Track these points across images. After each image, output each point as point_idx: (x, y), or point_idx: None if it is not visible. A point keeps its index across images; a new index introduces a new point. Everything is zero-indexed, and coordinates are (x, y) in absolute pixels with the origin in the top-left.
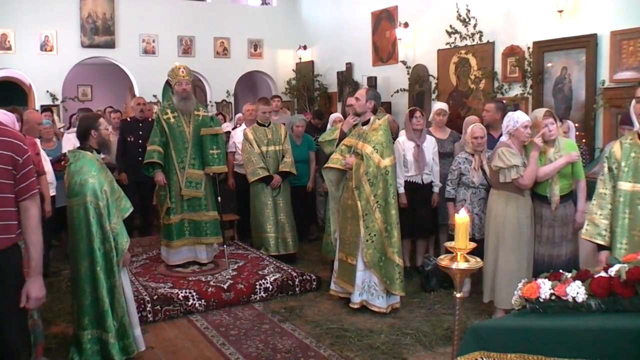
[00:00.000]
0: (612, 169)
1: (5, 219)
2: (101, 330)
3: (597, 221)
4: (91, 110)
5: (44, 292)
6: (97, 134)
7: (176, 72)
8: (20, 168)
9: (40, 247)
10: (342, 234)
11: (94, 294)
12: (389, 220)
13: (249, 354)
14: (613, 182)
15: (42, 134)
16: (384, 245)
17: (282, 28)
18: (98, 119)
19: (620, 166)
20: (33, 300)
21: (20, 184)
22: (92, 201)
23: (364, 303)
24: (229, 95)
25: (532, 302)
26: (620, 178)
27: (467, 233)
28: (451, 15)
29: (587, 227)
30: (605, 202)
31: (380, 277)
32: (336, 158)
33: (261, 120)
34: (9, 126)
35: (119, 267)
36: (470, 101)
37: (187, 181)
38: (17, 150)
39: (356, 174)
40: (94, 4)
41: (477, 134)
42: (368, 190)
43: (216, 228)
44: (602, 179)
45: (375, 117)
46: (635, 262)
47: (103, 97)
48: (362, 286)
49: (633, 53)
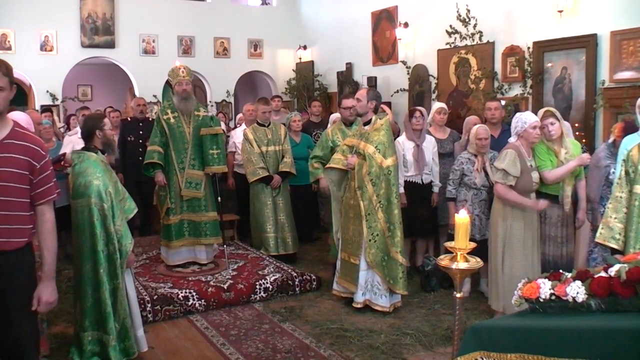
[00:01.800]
0: (629, 173)
1: (20, 223)
2: (102, 332)
3: (612, 224)
4: (88, 109)
5: (55, 297)
6: (101, 134)
7: (176, 72)
8: (37, 173)
9: (54, 252)
10: (345, 233)
11: (96, 296)
12: (392, 220)
13: (249, 354)
14: (629, 186)
15: (42, 134)
16: (387, 244)
17: (282, 28)
18: (102, 119)
19: (637, 170)
20: (44, 305)
21: (37, 188)
22: (97, 203)
23: (367, 302)
24: (229, 95)
25: (532, 302)
26: (637, 182)
27: (467, 233)
28: (451, 15)
29: (601, 230)
30: (620, 206)
31: (383, 277)
32: (338, 158)
33: (261, 120)
34: (27, 129)
35: (122, 268)
36: (470, 101)
37: (187, 182)
38: (35, 156)
39: (358, 174)
40: (94, 4)
41: (481, 135)
42: (371, 190)
43: (215, 229)
44: (619, 183)
45: (377, 117)
46: (635, 262)
47: (103, 97)
48: (365, 286)
49: (633, 53)
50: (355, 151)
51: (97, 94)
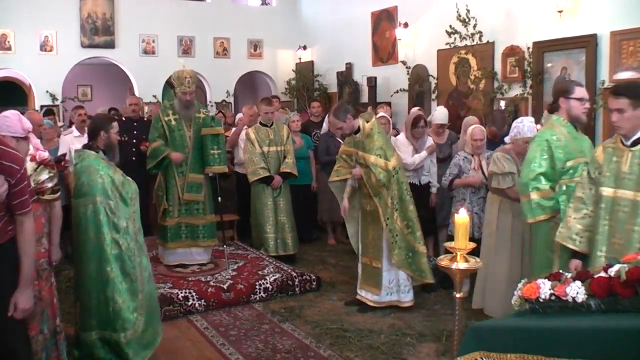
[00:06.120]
0: (590, 174)
1: None
2: (110, 331)
3: (571, 224)
4: (83, 108)
5: (31, 304)
6: (106, 135)
7: (182, 80)
8: (13, 187)
9: (32, 260)
10: (365, 238)
11: (102, 296)
12: (409, 217)
13: (248, 354)
14: (592, 186)
15: (43, 135)
16: (409, 241)
17: (281, 28)
18: (112, 122)
19: (602, 171)
20: (20, 312)
21: (13, 200)
22: (102, 201)
23: (394, 303)
24: (228, 95)
25: (532, 302)
26: (603, 184)
27: (467, 233)
28: (451, 15)
29: (561, 229)
30: (581, 206)
31: (412, 273)
32: (341, 169)
33: (264, 121)
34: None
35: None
36: (470, 101)
37: (189, 185)
38: (11, 172)
39: (369, 183)
40: (93, 4)
41: (476, 136)
42: (386, 195)
43: (212, 231)
44: (581, 183)
45: (364, 121)
46: (635, 262)
47: (103, 98)
48: (389, 286)
49: (633, 53)
50: (355, 160)
51: (97, 94)
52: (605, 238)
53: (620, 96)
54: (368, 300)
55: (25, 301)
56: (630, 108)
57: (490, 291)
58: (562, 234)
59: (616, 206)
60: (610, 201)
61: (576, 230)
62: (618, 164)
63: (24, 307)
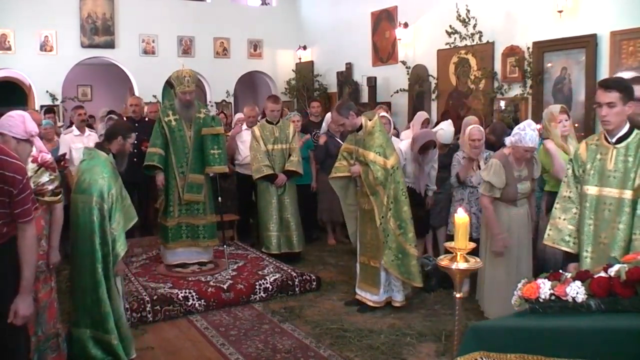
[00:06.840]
0: (575, 172)
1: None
2: (102, 332)
3: (561, 226)
4: (82, 108)
5: (31, 310)
6: (122, 142)
7: (181, 80)
8: (15, 196)
9: (33, 267)
10: (363, 237)
11: (95, 295)
12: (402, 217)
13: (248, 354)
14: (577, 185)
15: (43, 134)
16: (400, 242)
17: (281, 28)
18: (131, 133)
19: (586, 169)
20: (20, 318)
21: (16, 209)
22: (97, 202)
23: (389, 300)
24: (228, 95)
25: (532, 302)
26: (587, 182)
27: (467, 233)
28: (451, 15)
29: (549, 231)
30: (569, 206)
31: (400, 275)
32: (341, 166)
33: (270, 118)
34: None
35: (113, 271)
36: (469, 101)
37: (189, 186)
38: (12, 183)
39: (367, 181)
40: (93, 4)
41: (474, 137)
42: (382, 194)
43: (212, 231)
44: (567, 182)
45: (366, 119)
46: (635, 262)
47: (103, 98)
48: (386, 284)
49: (633, 53)
50: (355, 158)
51: (97, 94)
52: (591, 237)
53: (611, 89)
54: (368, 300)
55: (25, 308)
56: (620, 102)
57: (487, 294)
58: (551, 237)
59: (601, 205)
60: (595, 200)
61: (568, 232)
62: (602, 161)
63: (24, 314)
